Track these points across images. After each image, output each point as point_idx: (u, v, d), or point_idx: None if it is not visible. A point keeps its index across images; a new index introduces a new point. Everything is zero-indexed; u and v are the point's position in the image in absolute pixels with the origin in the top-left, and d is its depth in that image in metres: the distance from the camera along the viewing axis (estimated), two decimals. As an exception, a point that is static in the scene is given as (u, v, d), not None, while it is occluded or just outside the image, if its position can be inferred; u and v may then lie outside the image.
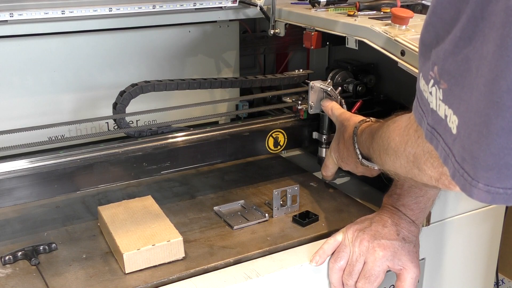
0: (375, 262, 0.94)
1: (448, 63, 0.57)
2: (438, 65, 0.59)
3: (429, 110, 0.62)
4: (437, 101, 0.60)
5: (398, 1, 1.33)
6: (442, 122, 0.60)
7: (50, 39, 1.27)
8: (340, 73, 1.37)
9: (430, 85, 0.61)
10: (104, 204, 1.11)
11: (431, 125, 0.63)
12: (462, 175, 0.57)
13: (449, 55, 0.57)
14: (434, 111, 0.61)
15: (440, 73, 0.59)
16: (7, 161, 1.03)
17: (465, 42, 0.55)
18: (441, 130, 0.61)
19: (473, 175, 0.55)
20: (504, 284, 1.76)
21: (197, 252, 1.00)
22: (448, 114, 0.58)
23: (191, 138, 1.18)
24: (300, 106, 1.28)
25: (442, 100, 0.59)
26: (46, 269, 0.95)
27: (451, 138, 0.58)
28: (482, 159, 0.54)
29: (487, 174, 0.54)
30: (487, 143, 0.53)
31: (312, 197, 1.21)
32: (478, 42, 0.53)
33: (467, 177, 0.56)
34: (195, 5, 1.36)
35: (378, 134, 0.90)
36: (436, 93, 0.60)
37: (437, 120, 0.61)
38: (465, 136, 0.56)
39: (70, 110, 1.34)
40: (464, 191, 0.58)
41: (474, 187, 0.56)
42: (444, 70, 0.58)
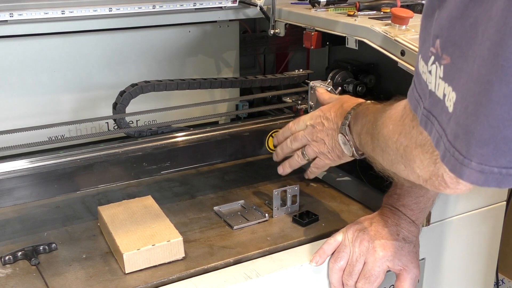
0: (375, 262, 0.94)
1: (454, 31, 0.53)
2: (442, 37, 0.55)
3: (426, 93, 0.59)
4: (436, 80, 0.56)
5: (398, 1, 1.33)
6: (439, 103, 0.56)
7: (50, 39, 1.27)
8: (340, 73, 1.37)
9: (430, 63, 0.57)
10: (104, 204, 1.11)
11: (428, 108, 0.59)
12: (452, 155, 0.53)
13: (456, 21, 0.53)
14: (432, 93, 0.58)
15: (443, 46, 0.55)
16: (7, 161, 1.03)
17: (476, 3, 0.51)
18: (437, 112, 0.57)
19: (466, 153, 0.52)
20: (504, 284, 1.76)
21: (197, 252, 1.00)
22: (447, 93, 0.55)
23: (191, 138, 1.19)
24: (300, 106, 1.28)
25: (442, 77, 0.55)
26: (46, 269, 0.95)
27: (447, 118, 0.55)
28: (478, 132, 0.50)
29: (482, 150, 0.50)
30: (486, 113, 0.49)
31: (312, 197, 1.21)
32: (488, 3, 0.49)
33: (458, 156, 0.52)
34: (195, 5, 1.36)
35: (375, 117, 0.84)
36: (436, 71, 0.56)
37: (434, 102, 0.57)
38: (461, 110, 0.52)
39: (70, 110, 1.34)
40: (454, 172, 0.54)
41: (466, 166, 0.52)
42: (449, 41, 0.54)
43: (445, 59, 0.55)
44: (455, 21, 0.53)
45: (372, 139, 0.83)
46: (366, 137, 0.86)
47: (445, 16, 0.55)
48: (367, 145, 0.86)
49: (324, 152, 1.04)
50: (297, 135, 1.09)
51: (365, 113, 0.91)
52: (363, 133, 0.89)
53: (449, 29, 0.54)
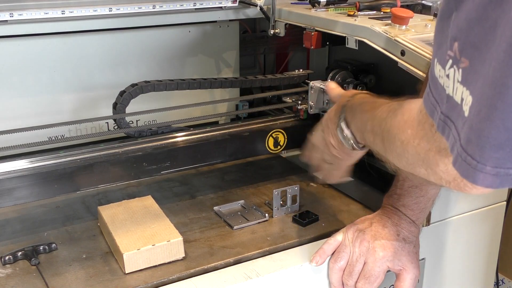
0: (375, 262, 0.94)
1: (474, 33, 0.52)
2: (460, 40, 0.54)
3: (444, 97, 0.58)
4: (454, 84, 0.55)
5: (398, 1, 1.33)
6: (457, 108, 0.55)
7: (50, 39, 1.27)
8: (340, 73, 1.37)
9: (447, 67, 0.56)
10: (104, 204, 1.11)
11: (445, 113, 0.57)
12: (464, 159, 0.53)
13: (475, 23, 0.51)
14: (450, 97, 0.56)
15: (462, 49, 0.53)
16: (7, 161, 1.03)
17: (496, 4, 0.49)
18: (454, 117, 0.55)
19: (479, 157, 0.51)
20: (504, 284, 1.76)
21: (197, 252, 1.00)
22: (465, 97, 0.53)
23: (191, 138, 1.19)
24: (300, 106, 1.28)
25: (461, 81, 0.54)
26: (46, 269, 0.95)
27: (462, 122, 0.53)
28: (493, 136, 0.49)
29: (497, 154, 0.49)
30: (501, 117, 0.48)
31: (312, 197, 1.21)
32: (508, 3, 0.48)
33: (471, 161, 0.52)
34: (195, 5, 1.36)
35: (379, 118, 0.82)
36: (454, 75, 0.55)
37: (452, 106, 0.56)
38: (474, 114, 0.51)
39: (70, 110, 1.34)
40: (467, 178, 0.53)
41: (480, 171, 0.51)
42: (468, 43, 0.53)
43: (463, 62, 0.53)
44: (474, 22, 0.52)
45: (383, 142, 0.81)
46: (373, 137, 0.85)
47: (463, 17, 0.54)
48: (375, 145, 0.85)
49: (335, 153, 1.04)
50: (315, 145, 1.08)
51: (362, 108, 0.90)
52: (366, 131, 0.87)
53: (468, 31, 0.53)
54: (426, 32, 1.11)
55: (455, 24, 0.55)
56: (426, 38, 1.06)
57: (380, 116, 0.81)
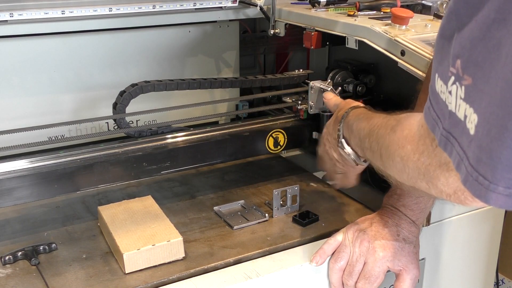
0: (375, 262, 0.94)
1: (477, 52, 0.52)
2: (463, 57, 0.53)
3: (446, 114, 0.57)
4: (457, 101, 0.54)
5: (398, 1, 1.33)
6: (460, 125, 0.54)
7: (50, 39, 1.27)
8: (340, 73, 1.37)
9: (450, 83, 0.56)
10: (104, 204, 1.11)
11: (447, 129, 0.57)
12: (476, 179, 0.52)
13: (479, 42, 0.51)
14: (453, 113, 0.56)
15: (464, 66, 0.53)
16: (7, 161, 1.03)
17: (500, 25, 0.49)
18: (457, 134, 0.55)
19: (491, 178, 0.50)
20: (504, 284, 1.76)
21: (197, 252, 1.00)
22: (468, 114, 0.53)
23: (191, 138, 1.19)
24: (300, 106, 1.28)
25: (464, 98, 0.53)
26: (46, 269, 0.95)
27: (468, 140, 0.53)
28: (505, 157, 0.49)
29: (510, 174, 0.49)
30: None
31: (312, 197, 1.21)
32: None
33: (483, 180, 0.51)
34: (195, 5, 1.36)
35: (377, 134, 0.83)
36: (457, 91, 0.54)
37: (454, 123, 0.56)
38: (483, 134, 0.51)
39: (70, 110, 1.34)
40: (479, 197, 0.53)
41: (492, 191, 0.51)
42: (471, 61, 0.52)
43: (466, 80, 0.53)
44: (477, 41, 0.52)
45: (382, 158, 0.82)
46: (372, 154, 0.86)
47: (466, 36, 0.53)
48: (375, 161, 0.85)
49: (340, 166, 1.05)
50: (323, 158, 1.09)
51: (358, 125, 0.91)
52: (365, 148, 0.88)
53: (471, 49, 0.53)
54: (426, 32, 1.11)
55: (458, 42, 0.55)
56: (426, 38, 1.06)
57: (378, 133, 0.82)
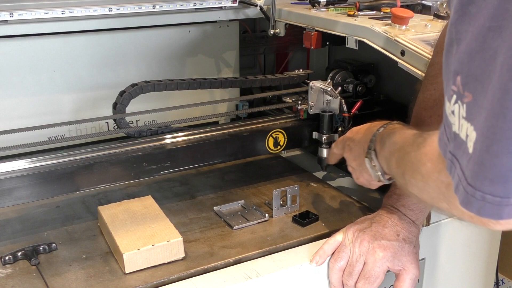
0: (375, 262, 0.94)
1: (475, 65, 0.50)
2: (462, 73, 0.52)
3: (452, 135, 0.56)
4: (459, 121, 0.53)
5: (398, 1, 1.33)
6: (462, 145, 0.53)
7: (50, 39, 1.27)
8: (340, 73, 1.37)
9: (452, 103, 0.54)
10: (104, 204, 1.11)
11: (452, 152, 0.56)
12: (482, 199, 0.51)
13: (476, 54, 0.50)
14: (457, 134, 0.55)
15: (464, 82, 0.52)
16: (7, 161, 1.03)
17: (495, 33, 0.48)
18: (459, 155, 0.54)
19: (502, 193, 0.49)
20: (504, 284, 1.76)
21: (197, 252, 1.00)
22: (469, 133, 0.51)
23: (191, 138, 1.18)
24: (300, 106, 1.28)
25: (465, 117, 0.52)
26: (46, 269, 0.95)
27: (466, 159, 0.52)
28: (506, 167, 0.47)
29: None
30: None
31: (312, 197, 1.21)
32: (507, 31, 0.46)
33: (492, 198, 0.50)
34: (195, 5, 1.36)
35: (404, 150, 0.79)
36: (459, 111, 0.53)
37: (458, 144, 0.54)
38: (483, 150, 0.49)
39: (70, 110, 1.34)
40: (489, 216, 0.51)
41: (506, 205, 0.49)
42: (470, 76, 0.51)
43: (467, 97, 0.52)
44: (475, 53, 0.50)
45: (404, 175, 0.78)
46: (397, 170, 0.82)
47: (463, 49, 0.52)
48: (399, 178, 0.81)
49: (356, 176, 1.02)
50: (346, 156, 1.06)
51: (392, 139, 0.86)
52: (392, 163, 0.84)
53: (469, 63, 0.51)
54: (426, 32, 1.11)
55: (457, 57, 0.54)
56: (426, 38, 1.06)
57: (405, 149, 0.78)
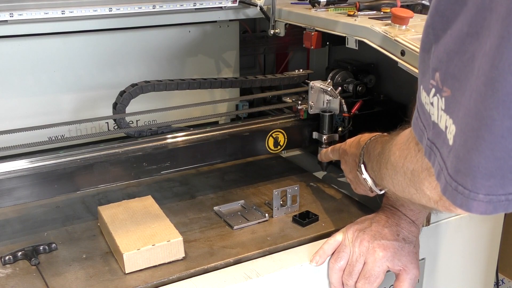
0: (375, 262, 0.94)
1: (453, 65, 0.53)
2: (441, 70, 0.55)
3: (430, 124, 0.59)
4: (438, 112, 0.56)
5: (398, 1, 1.33)
6: (441, 135, 0.56)
7: (50, 39, 1.27)
8: (340, 73, 1.37)
9: (431, 95, 0.57)
10: (104, 204, 1.11)
11: (431, 139, 0.59)
12: (455, 189, 0.54)
13: (455, 55, 0.53)
14: (436, 124, 0.57)
15: (443, 79, 0.55)
16: (7, 161, 1.03)
17: (473, 38, 0.50)
18: (439, 144, 0.57)
19: (471, 187, 0.52)
20: (504, 284, 1.76)
21: (197, 252, 1.00)
22: (448, 125, 0.54)
23: (191, 138, 1.18)
24: (300, 106, 1.28)
25: (444, 110, 0.55)
26: (46, 269, 0.95)
27: (447, 150, 0.55)
28: (483, 166, 0.50)
29: (489, 182, 0.51)
30: (490, 148, 0.49)
31: (312, 197, 1.21)
32: (484, 37, 0.49)
33: (463, 190, 0.53)
34: (195, 5, 1.36)
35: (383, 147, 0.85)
36: (438, 103, 0.56)
37: (437, 133, 0.57)
38: (460, 144, 0.52)
39: (70, 110, 1.34)
40: (460, 207, 0.54)
41: (473, 199, 0.52)
42: (448, 74, 0.54)
43: (446, 92, 0.54)
44: (453, 54, 0.53)
45: (380, 169, 0.84)
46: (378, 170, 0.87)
47: (442, 49, 0.55)
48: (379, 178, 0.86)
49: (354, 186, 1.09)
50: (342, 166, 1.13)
51: (374, 147, 0.93)
52: (375, 167, 0.90)
53: (448, 62, 0.54)
54: (426, 32, 1.11)
55: (435, 55, 0.56)
56: (426, 38, 1.06)
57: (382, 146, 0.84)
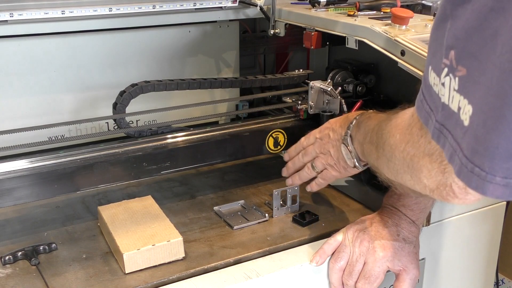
0: (375, 262, 0.94)
1: (472, 42, 0.51)
2: (457, 48, 0.53)
3: (439, 106, 0.57)
4: (450, 93, 0.54)
5: (398, 1, 1.33)
6: (453, 116, 0.54)
7: (50, 39, 1.27)
8: (340, 73, 1.37)
9: (443, 75, 0.55)
10: (104, 204, 1.11)
11: (440, 122, 0.57)
12: (471, 171, 0.52)
13: (474, 31, 0.51)
14: (446, 106, 0.56)
15: (458, 57, 0.53)
16: (7, 161, 1.03)
17: (498, 13, 0.49)
18: (451, 126, 0.55)
19: (489, 168, 0.50)
20: (504, 284, 1.76)
21: (197, 252, 1.00)
22: (462, 106, 0.52)
23: (191, 138, 1.18)
24: (300, 106, 1.28)
25: (457, 90, 0.53)
26: (46, 269, 0.95)
27: (462, 131, 0.53)
28: (503, 147, 0.48)
29: (507, 164, 0.49)
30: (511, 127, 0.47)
31: (312, 197, 1.21)
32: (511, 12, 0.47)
33: (480, 172, 0.51)
34: (195, 5, 1.36)
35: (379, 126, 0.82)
36: (450, 83, 0.54)
37: (448, 115, 0.55)
38: (479, 124, 0.50)
39: (70, 110, 1.34)
40: (475, 189, 0.52)
41: (490, 182, 0.50)
42: (465, 52, 0.52)
43: (460, 71, 0.53)
44: (473, 31, 0.51)
45: (376, 149, 0.81)
46: (370, 147, 0.85)
47: (460, 26, 0.53)
48: (370, 155, 0.85)
49: (331, 163, 1.05)
50: (307, 149, 1.11)
51: (367, 122, 0.91)
52: (366, 142, 0.88)
53: (466, 40, 0.52)
54: (426, 32, 1.11)
55: (451, 32, 0.54)
56: (426, 38, 1.06)
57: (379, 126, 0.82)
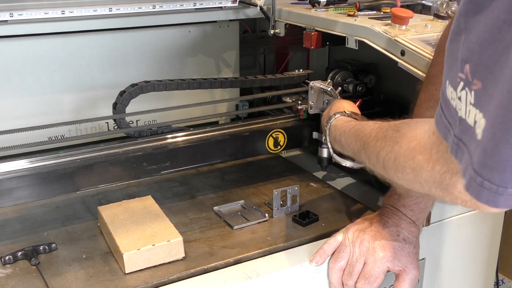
0: (375, 262, 0.94)
1: (486, 55, 0.51)
2: (472, 61, 0.53)
3: (456, 120, 0.57)
4: (467, 107, 0.54)
5: (398, 1, 1.33)
6: (470, 131, 0.54)
7: (50, 39, 1.27)
8: (340, 73, 1.37)
9: (459, 89, 0.55)
10: (104, 204, 1.11)
11: (458, 136, 0.56)
12: (480, 184, 0.52)
13: (488, 45, 0.51)
14: (463, 120, 0.55)
15: (473, 71, 0.52)
16: (7, 161, 1.03)
17: (510, 26, 0.48)
18: (467, 140, 0.55)
19: (499, 181, 0.50)
20: (504, 284, 1.76)
21: (197, 252, 1.00)
22: (478, 119, 0.52)
23: (191, 138, 1.19)
24: (300, 106, 1.28)
25: (473, 104, 0.53)
26: (46, 269, 0.95)
27: (475, 145, 0.53)
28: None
29: None
30: None
31: (312, 197, 1.21)
32: None
33: (490, 185, 0.51)
34: (195, 5, 1.36)
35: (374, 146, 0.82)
36: (467, 97, 0.54)
37: (465, 129, 0.55)
38: (488, 137, 0.50)
39: (70, 110, 1.34)
40: (486, 202, 0.52)
41: (501, 194, 0.51)
42: (480, 65, 0.52)
43: (476, 85, 0.52)
44: (487, 44, 0.51)
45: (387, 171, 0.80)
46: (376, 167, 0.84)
47: (474, 39, 0.53)
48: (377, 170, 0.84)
49: None
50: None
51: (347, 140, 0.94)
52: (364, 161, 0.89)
53: (480, 53, 0.52)
54: (426, 32, 1.11)
55: (465, 46, 0.54)
56: (426, 38, 1.06)
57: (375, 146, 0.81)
